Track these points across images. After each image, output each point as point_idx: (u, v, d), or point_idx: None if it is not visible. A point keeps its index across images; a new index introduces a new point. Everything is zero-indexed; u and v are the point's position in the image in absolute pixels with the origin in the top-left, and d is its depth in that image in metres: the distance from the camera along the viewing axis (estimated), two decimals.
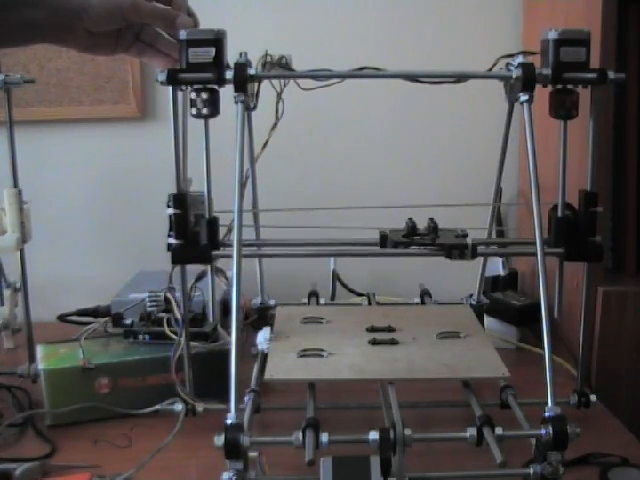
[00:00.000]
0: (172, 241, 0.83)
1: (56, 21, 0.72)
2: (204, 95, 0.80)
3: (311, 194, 1.31)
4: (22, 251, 1.01)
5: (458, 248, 0.84)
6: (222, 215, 0.85)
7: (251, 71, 0.79)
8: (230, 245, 0.84)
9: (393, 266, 1.36)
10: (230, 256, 0.80)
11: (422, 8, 1.30)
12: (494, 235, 1.06)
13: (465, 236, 0.86)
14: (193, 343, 0.91)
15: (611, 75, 0.80)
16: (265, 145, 0.93)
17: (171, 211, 0.83)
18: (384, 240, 0.87)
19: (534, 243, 0.76)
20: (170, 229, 0.84)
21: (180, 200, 0.83)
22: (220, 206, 0.85)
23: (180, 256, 0.84)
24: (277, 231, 0.91)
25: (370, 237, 0.88)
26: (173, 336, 0.90)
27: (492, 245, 0.95)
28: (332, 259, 1.16)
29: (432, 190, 1.31)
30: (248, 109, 0.87)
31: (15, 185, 0.99)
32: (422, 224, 0.88)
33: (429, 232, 0.87)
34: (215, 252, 0.84)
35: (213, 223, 0.84)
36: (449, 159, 1.33)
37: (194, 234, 0.84)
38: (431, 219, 0.87)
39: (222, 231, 0.86)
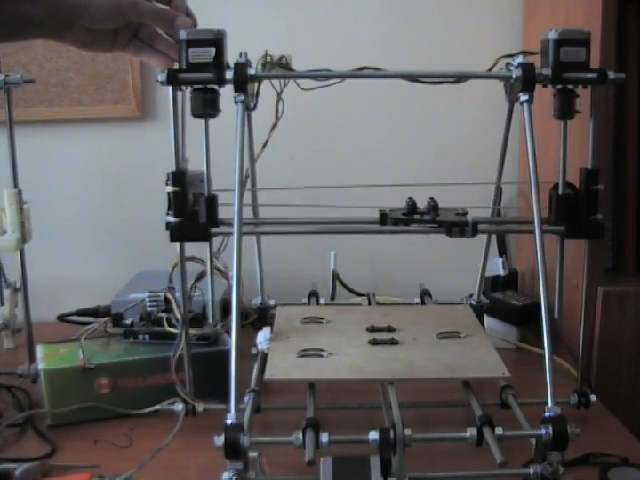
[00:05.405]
0: (170, 219, 0.83)
1: (55, 17, 0.72)
2: (204, 95, 0.80)
3: (311, 193, 1.31)
4: (22, 251, 1.01)
5: (458, 225, 0.84)
6: (221, 196, 0.84)
7: (251, 71, 0.79)
8: (228, 224, 0.84)
9: (393, 266, 1.36)
10: (229, 234, 0.79)
11: (422, 8, 1.30)
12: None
13: (465, 214, 0.86)
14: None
15: (611, 75, 0.80)
16: (265, 145, 0.93)
17: (170, 189, 0.82)
18: (384, 218, 0.86)
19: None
20: (169, 207, 0.83)
21: (179, 177, 0.82)
22: (219, 186, 0.84)
23: (179, 233, 0.83)
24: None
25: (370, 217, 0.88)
26: (175, 331, 0.90)
27: (492, 224, 0.95)
28: (332, 258, 1.16)
29: (431, 188, 1.31)
30: (248, 109, 0.87)
31: (15, 185, 0.99)
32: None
33: (429, 211, 0.86)
34: (214, 230, 0.84)
35: (212, 201, 0.83)
36: (449, 160, 1.33)
37: (193, 212, 0.83)
38: (431, 198, 0.86)
39: (221, 210, 0.85)
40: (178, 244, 0.85)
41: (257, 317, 1.09)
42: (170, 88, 0.80)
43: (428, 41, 1.31)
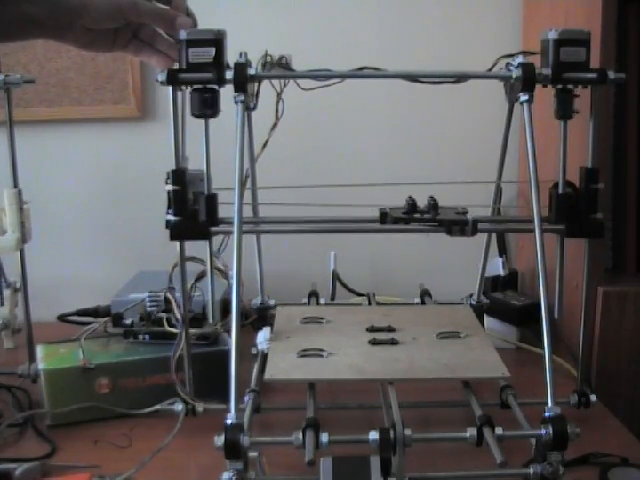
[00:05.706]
0: (170, 218, 0.83)
1: (55, 17, 0.72)
2: (204, 95, 0.80)
3: (311, 192, 1.31)
4: (22, 251, 1.01)
5: (458, 224, 0.84)
6: (221, 195, 0.84)
7: (251, 71, 0.79)
8: (228, 223, 0.83)
9: (393, 266, 1.36)
10: (229, 232, 0.79)
11: (422, 8, 1.30)
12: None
13: (465, 213, 0.86)
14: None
15: (611, 75, 0.80)
16: (265, 145, 0.93)
17: (170, 187, 0.82)
18: (384, 217, 0.86)
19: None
20: (168, 206, 0.83)
21: (179, 176, 0.82)
22: (219, 186, 0.84)
23: (178, 232, 0.83)
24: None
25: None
26: (175, 331, 0.91)
27: (492, 222, 0.95)
28: (332, 258, 1.16)
29: (431, 188, 1.31)
30: (248, 109, 0.87)
31: (15, 185, 0.99)
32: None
33: (429, 209, 0.86)
34: (214, 228, 0.83)
35: (212, 199, 0.83)
36: (449, 159, 1.33)
37: (193, 211, 0.83)
38: (431, 197, 0.86)
39: (220, 209, 0.85)
40: (178, 244, 0.85)
41: (257, 317, 1.09)
42: (170, 88, 0.80)
43: (428, 41, 1.31)
